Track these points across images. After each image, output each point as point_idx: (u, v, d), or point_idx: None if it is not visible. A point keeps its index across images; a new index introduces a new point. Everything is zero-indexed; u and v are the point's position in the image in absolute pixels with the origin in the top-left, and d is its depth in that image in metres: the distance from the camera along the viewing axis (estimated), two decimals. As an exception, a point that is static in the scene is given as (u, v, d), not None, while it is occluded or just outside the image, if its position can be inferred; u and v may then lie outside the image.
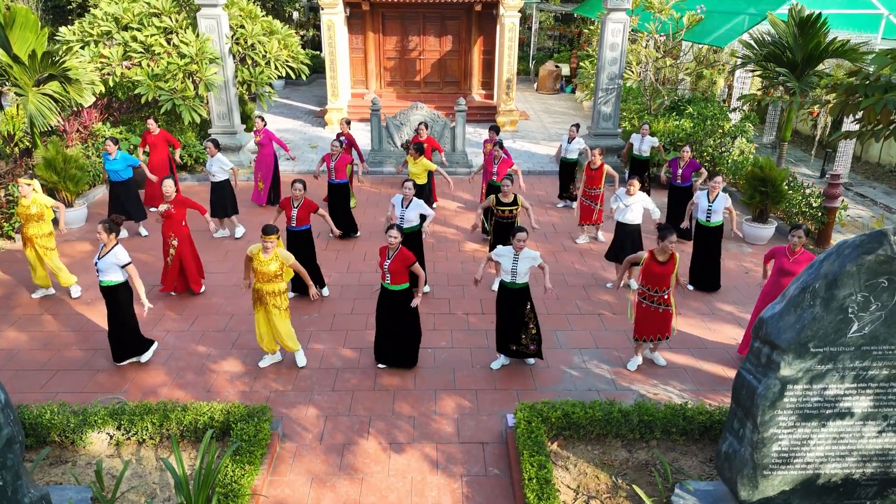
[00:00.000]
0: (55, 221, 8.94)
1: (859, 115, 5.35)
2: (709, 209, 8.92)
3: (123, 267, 6.79)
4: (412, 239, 8.49)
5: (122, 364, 7.34)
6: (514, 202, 8.80)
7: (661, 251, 6.91)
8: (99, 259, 6.75)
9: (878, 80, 4.54)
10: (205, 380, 7.18)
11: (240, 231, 11.03)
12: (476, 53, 19.99)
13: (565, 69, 24.72)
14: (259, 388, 7.07)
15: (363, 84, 20.54)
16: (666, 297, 7.02)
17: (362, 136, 16.57)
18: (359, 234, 11.09)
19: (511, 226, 8.80)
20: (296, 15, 27.63)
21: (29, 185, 8.24)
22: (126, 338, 7.14)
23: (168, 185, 8.37)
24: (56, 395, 6.87)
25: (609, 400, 6.22)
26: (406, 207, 8.47)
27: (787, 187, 10.85)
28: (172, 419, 5.94)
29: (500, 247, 7.04)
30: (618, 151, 14.24)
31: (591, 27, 19.52)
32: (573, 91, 23.99)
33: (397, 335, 7.14)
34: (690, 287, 9.25)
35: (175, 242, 8.54)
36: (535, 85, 24.79)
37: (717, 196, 8.89)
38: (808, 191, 11.03)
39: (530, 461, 5.45)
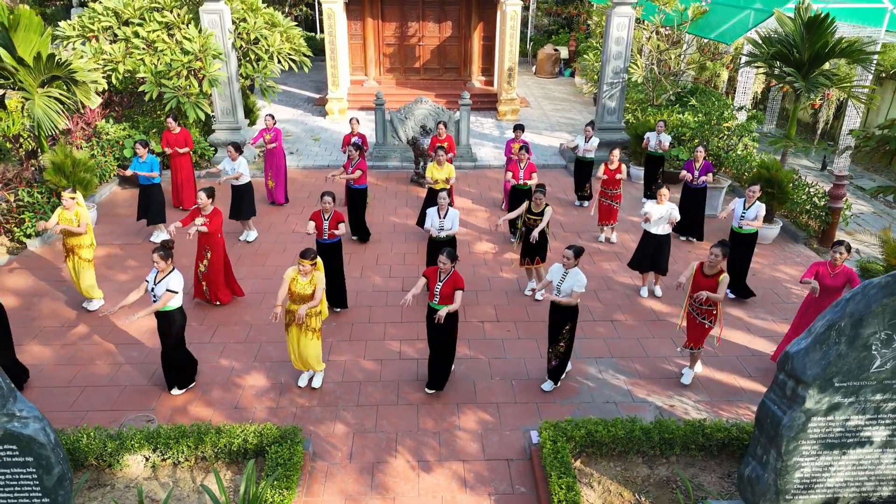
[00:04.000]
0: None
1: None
2: (740, 217, 9.02)
3: (169, 290, 6.75)
4: (449, 245, 8.61)
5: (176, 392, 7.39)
6: (542, 212, 8.91)
7: (709, 266, 7.09)
8: (155, 284, 6.80)
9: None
10: (231, 396, 7.32)
11: (252, 235, 11.08)
12: (476, 39, 19.87)
13: (564, 52, 24.59)
14: (285, 403, 7.22)
15: (362, 71, 20.40)
16: (712, 311, 7.18)
17: (365, 128, 16.51)
18: (369, 239, 11.16)
19: (527, 230, 9.00)
20: (290, -5, 27.22)
21: (73, 198, 8.27)
22: (176, 365, 7.18)
23: (201, 197, 8.41)
24: (86, 413, 6.99)
25: (630, 417, 6.42)
26: (443, 217, 8.63)
27: (791, 187, 10.99)
28: (207, 442, 6.09)
29: (556, 263, 7.15)
30: (623, 145, 14.32)
31: (594, 19, 19.34)
32: (572, 75, 23.91)
33: (436, 356, 7.21)
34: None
35: (209, 255, 8.64)
36: (534, 68, 24.68)
37: (752, 204, 8.91)
38: (812, 190, 11.19)
39: (558, 483, 5.65)
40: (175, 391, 7.30)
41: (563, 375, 7.58)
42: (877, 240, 10.96)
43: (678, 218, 9.07)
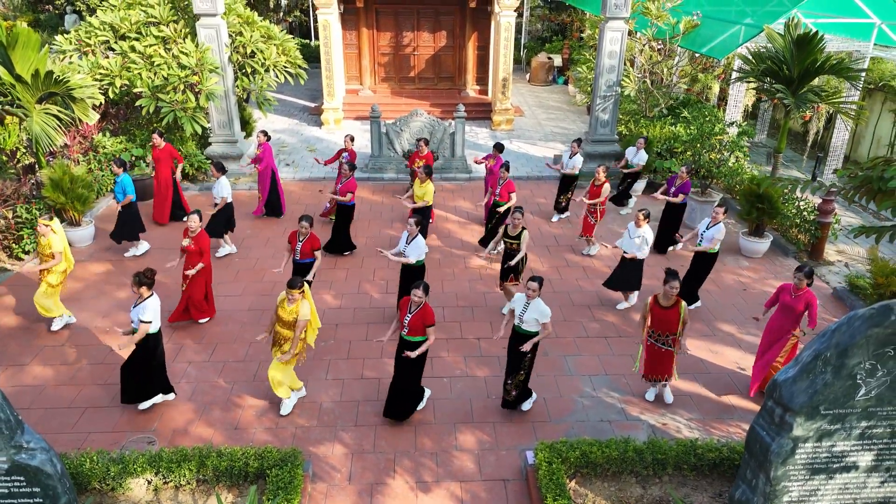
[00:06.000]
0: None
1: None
2: (701, 235, 9.21)
3: (142, 321, 6.86)
4: (416, 272, 8.70)
5: (136, 405, 7.48)
6: (519, 236, 8.99)
7: (664, 296, 7.17)
8: (133, 307, 6.93)
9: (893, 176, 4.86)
10: (231, 416, 7.42)
11: (224, 250, 11.10)
12: (470, 49, 19.99)
13: (557, 60, 24.75)
14: (285, 423, 7.33)
15: (357, 80, 20.49)
16: (671, 339, 7.29)
17: (361, 138, 16.65)
18: (351, 251, 11.26)
19: (514, 256, 9.06)
20: (283, 2, 27.24)
21: (47, 225, 8.33)
22: (139, 381, 7.24)
23: (194, 220, 8.53)
24: (88, 435, 7.08)
25: (623, 438, 6.56)
26: (408, 244, 8.66)
27: (781, 202, 11.16)
28: (209, 465, 6.19)
29: (517, 294, 7.27)
30: (616, 157, 14.48)
31: (587, 31, 19.48)
32: (565, 82, 24.06)
33: (398, 385, 7.16)
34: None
35: (189, 274, 8.70)
36: (528, 76, 24.83)
37: (715, 225, 9.12)
38: (802, 204, 11.36)
39: (554, 505, 5.79)
40: (140, 404, 7.43)
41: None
42: (865, 253, 11.14)
43: (645, 255, 9.20)
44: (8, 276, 10.24)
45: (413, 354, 6.83)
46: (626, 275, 9.34)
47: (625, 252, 9.23)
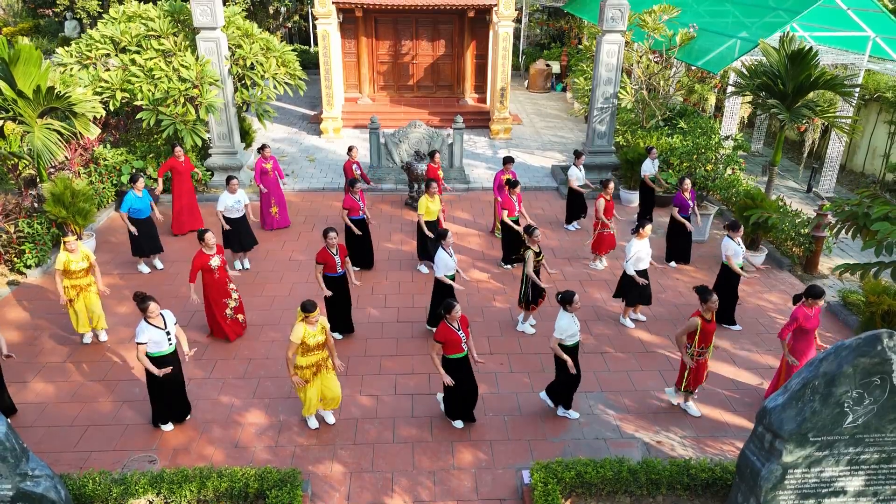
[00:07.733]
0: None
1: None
2: (741, 254, 9.45)
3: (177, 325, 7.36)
4: (448, 288, 8.91)
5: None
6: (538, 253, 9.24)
7: (706, 311, 7.41)
8: (167, 325, 7.16)
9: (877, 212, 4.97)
10: (231, 434, 7.52)
11: (245, 264, 11.26)
12: (469, 58, 20.10)
13: (555, 67, 24.87)
14: (284, 441, 7.42)
15: (356, 88, 20.60)
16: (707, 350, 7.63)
17: (360, 147, 16.69)
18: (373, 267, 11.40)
19: (536, 274, 9.18)
20: (283, 9, 27.31)
21: (76, 241, 8.55)
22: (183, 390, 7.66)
23: (211, 237, 8.72)
24: (90, 454, 7.17)
25: (618, 458, 6.66)
26: (452, 255, 8.88)
27: (777, 218, 11.26)
28: (210, 486, 6.29)
29: (562, 323, 7.33)
30: (613, 168, 14.61)
31: (585, 42, 19.60)
32: (563, 89, 24.19)
33: (473, 392, 7.60)
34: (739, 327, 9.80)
35: (234, 286, 9.02)
36: (526, 83, 24.95)
37: (738, 241, 9.47)
38: (797, 219, 11.46)
39: (549, 526, 5.89)
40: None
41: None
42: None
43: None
44: (11, 291, 10.34)
45: (479, 359, 7.51)
46: (645, 286, 9.54)
47: (641, 267, 9.39)
